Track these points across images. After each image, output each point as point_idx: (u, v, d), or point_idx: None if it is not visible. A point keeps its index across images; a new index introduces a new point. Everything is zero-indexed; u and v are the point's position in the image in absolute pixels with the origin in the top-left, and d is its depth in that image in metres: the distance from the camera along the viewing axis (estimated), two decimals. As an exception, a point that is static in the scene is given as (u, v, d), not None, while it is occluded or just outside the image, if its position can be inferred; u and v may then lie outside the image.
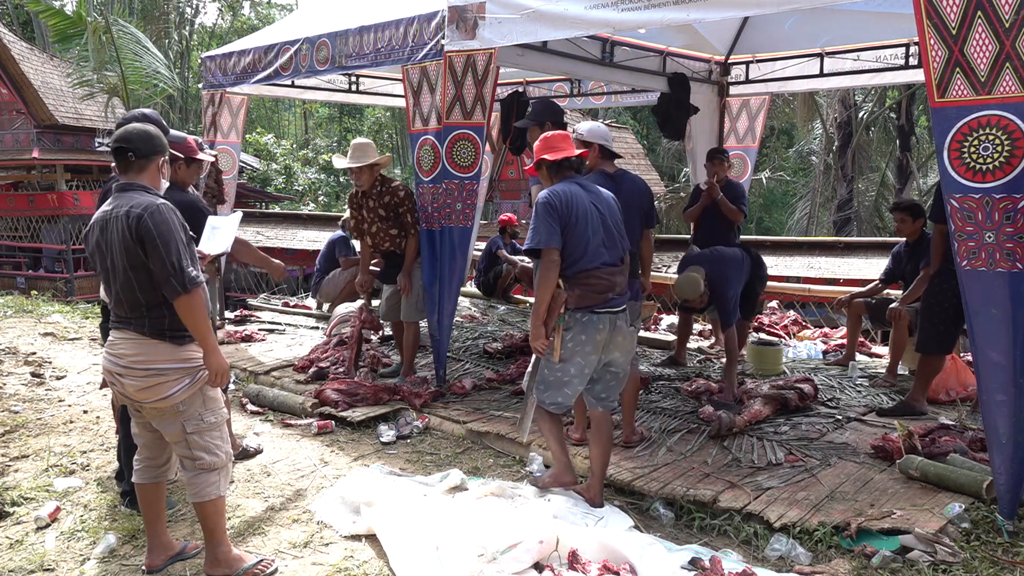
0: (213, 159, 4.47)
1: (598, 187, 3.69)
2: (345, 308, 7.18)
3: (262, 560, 3.08)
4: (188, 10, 26.86)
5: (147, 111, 3.69)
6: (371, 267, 5.90)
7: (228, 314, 8.24)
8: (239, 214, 3.68)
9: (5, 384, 5.69)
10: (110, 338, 2.96)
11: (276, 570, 3.08)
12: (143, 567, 3.10)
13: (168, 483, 3.75)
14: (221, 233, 3.55)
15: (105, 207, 2.88)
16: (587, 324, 3.47)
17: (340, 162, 5.39)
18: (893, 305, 5.60)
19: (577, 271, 3.47)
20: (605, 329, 3.49)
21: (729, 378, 5.12)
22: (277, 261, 4.46)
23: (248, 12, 31.24)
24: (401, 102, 5.64)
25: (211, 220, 3.70)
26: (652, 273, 5.17)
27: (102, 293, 3.41)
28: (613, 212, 3.62)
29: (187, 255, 2.83)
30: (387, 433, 4.58)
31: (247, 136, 22.92)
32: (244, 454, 4.30)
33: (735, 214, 6.05)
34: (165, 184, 3.09)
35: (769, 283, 8.79)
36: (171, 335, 2.87)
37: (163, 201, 2.85)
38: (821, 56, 6.87)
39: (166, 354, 2.87)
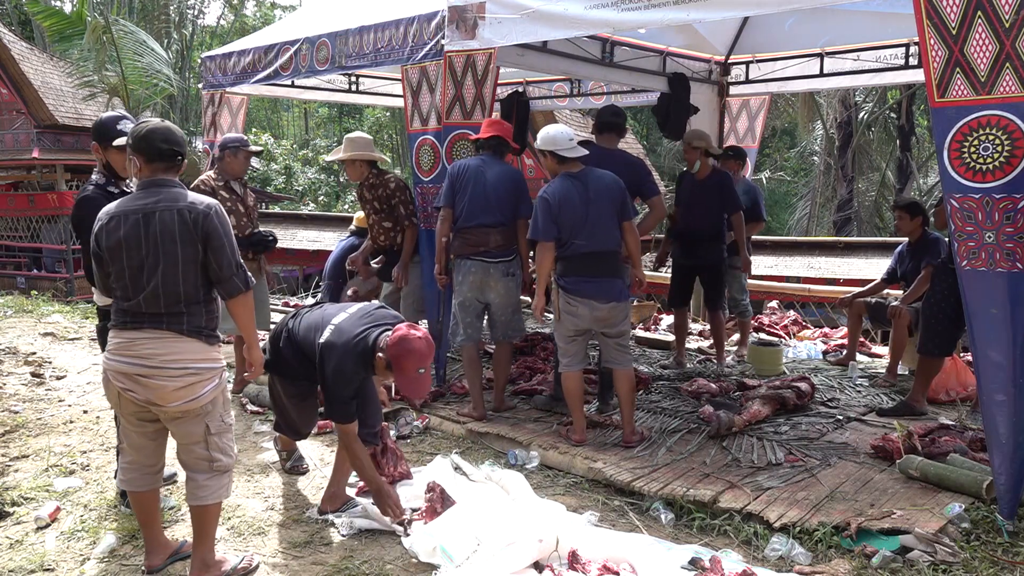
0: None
1: (504, 164, 4.67)
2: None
3: (243, 558, 3.10)
4: (189, 12, 26.83)
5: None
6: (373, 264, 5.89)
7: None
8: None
9: (5, 384, 5.69)
10: (123, 339, 2.81)
11: (257, 566, 3.09)
12: (143, 567, 3.10)
13: (167, 484, 3.76)
14: None
15: (135, 201, 2.79)
16: (462, 267, 4.61)
17: (329, 156, 5.61)
18: (893, 304, 5.60)
19: (458, 228, 4.60)
20: (477, 272, 4.56)
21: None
22: None
23: (251, 12, 31.19)
24: (401, 102, 5.64)
25: None
26: (652, 273, 5.19)
27: (97, 297, 3.22)
28: (500, 185, 4.53)
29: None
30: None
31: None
32: None
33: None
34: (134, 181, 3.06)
35: (769, 283, 8.84)
36: (207, 333, 2.86)
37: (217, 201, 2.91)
38: (821, 56, 6.86)
39: (201, 352, 2.83)
